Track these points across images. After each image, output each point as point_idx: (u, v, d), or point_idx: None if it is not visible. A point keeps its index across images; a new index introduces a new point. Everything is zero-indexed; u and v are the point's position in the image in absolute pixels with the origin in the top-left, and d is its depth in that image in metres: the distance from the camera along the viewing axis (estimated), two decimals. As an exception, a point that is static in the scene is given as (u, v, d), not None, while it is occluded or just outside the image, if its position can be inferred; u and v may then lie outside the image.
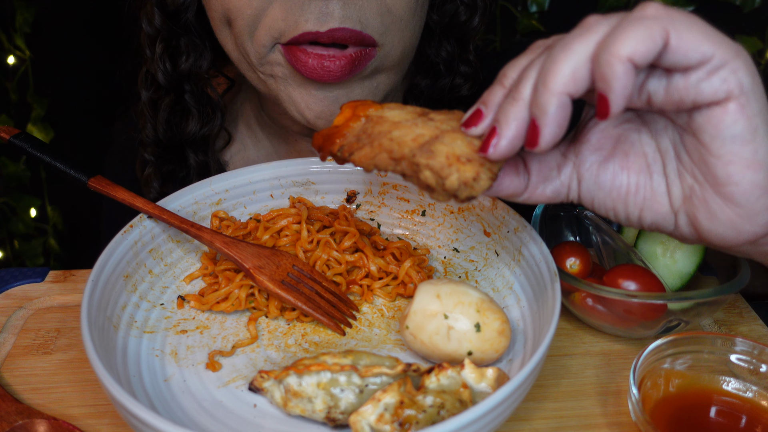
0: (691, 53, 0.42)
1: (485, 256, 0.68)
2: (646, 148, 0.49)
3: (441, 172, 0.46)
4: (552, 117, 0.44)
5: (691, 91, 0.43)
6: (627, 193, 0.50)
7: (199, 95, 0.82)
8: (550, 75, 0.43)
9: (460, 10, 0.80)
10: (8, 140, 0.69)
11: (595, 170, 0.50)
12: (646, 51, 0.41)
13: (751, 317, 0.66)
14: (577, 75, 0.43)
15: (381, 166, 0.49)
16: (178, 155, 0.85)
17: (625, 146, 0.50)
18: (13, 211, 1.91)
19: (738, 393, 0.53)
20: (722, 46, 0.42)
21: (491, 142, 0.46)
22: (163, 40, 0.79)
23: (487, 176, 0.46)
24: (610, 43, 0.41)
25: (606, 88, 0.42)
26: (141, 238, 0.64)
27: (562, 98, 0.43)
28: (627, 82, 0.41)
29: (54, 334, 0.65)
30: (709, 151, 0.45)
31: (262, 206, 0.73)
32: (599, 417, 0.55)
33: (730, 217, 0.46)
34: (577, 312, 0.64)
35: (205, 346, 0.60)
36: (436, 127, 0.49)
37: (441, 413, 0.48)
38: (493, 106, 0.48)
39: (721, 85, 0.43)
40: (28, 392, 0.59)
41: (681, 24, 0.42)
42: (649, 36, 0.41)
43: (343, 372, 0.51)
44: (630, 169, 0.50)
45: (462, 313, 0.55)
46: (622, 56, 0.40)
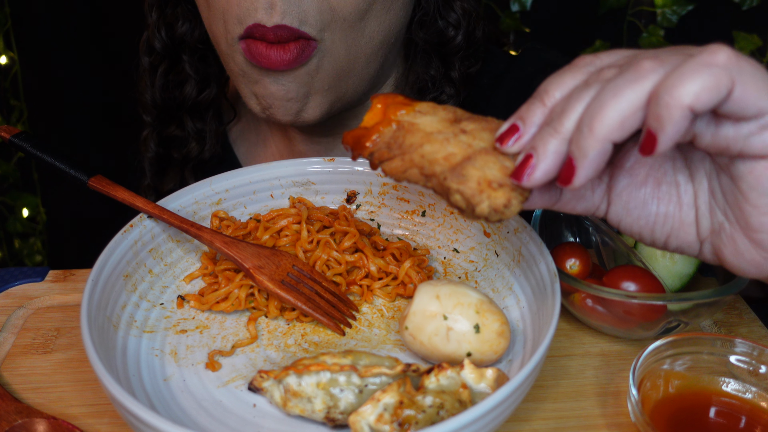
0: (750, 107, 0.41)
1: (485, 257, 0.68)
2: (679, 178, 0.48)
3: (472, 199, 0.45)
4: (591, 161, 0.43)
5: (740, 143, 0.42)
6: (655, 223, 0.49)
7: (195, 65, 0.87)
8: (596, 120, 0.41)
9: (449, 30, 0.82)
10: (9, 139, 0.69)
11: (626, 196, 0.49)
12: (708, 101, 0.39)
13: (750, 318, 0.66)
14: (626, 124, 0.41)
15: (412, 180, 0.49)
16: (176, 121, 0.90)
17: (658, 174, 0.49)
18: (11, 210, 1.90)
19: (737, 394, 0.53)
20: None
21: (525, 171, 0.45)
22: (158, 8, 0.84)
23: (518, 201, 0.45)
24: (673, 84, 0.39)
25: (658, 128, 0.40)
26: (141, 238, 0.64)
27: (606, 145, 0.42)
28: (681, 127, 0.40)
29: (54, 334, 0.65)
30: (746, 198, 0.44)
31: (262, 206, 0.73)
32: (599, 418, 0.55)
33: (756, 258, 0.46)
34: (576, 313, 0.64)
35: (205, 345, 0.60)
36: (468, 144, 0.48)
37: (440, 413, 0.48)
38: (531, 126, 0.46)
39: None
40: (28, 391, 0.59)
41: (748, 76, 0.40)
42: (715, 86, 0.39)
43: (343, 372, 0.51)
44: (660, 199, 0.49)
45: (461, 314, 0.55)
46: (684, 103, 0.39)
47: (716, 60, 0.40)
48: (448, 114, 0.51)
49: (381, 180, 0.73)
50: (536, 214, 0.67)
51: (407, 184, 0.68)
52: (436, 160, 0.48)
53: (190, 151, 0.91)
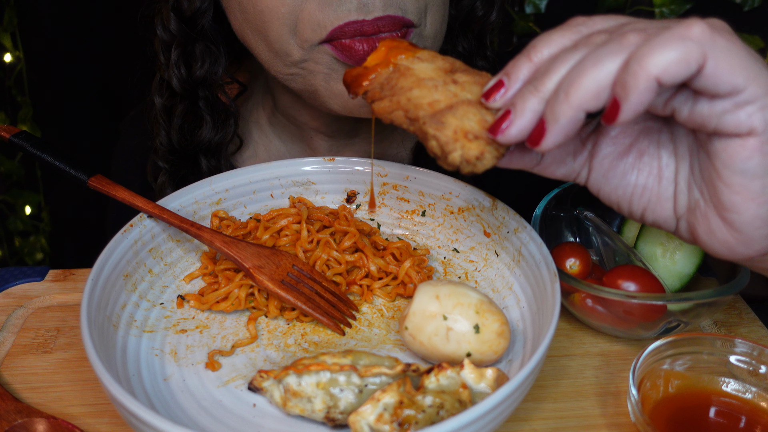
0: (723, 84, 0.41)
1: (485, 257, 0.68)
2: (662, 151, 0.49)
3: (446, 147, 0.47)
4: (561, 127, 0.43)
5: (714, 120, 0.43)
6: (633, 193, 0.50)
7: (213, 102, 0.81)
8: (573, 87, 0.42)
9: (477, 5, 0.80)
10: (8, 139, 0.69)
11: (607, 164, 0.50)
12: (676, 73, 0.40)
13: (750, 318, 0.66)
14: (602, 95, 0.42)
15: (397, 122, 0.50)
16: (191, 161, 0.84)
17: (641, 146, 0.49)
18: (11, 208, 1.90)
19: (737, 394, 0.53)
20: (756, 81, 0.41)
21: (501, 126, 0.46)
22: (178, 46, 0.77)
23: (491, 156, 0.46)
24: (644, 54, 0.40)
25: (623, 96, 0.41)
26: (141, 238, 0.64)
27: (579, 114, 0.42)
28: (645, 98, 0.40)
29: (54, 333, 0.65)
30: (719, 176, 0.45)
31: (262, 206, 0.73)
32: (599, 418, 0.55)
33: (727, 238, 0.46)
34: (576, 313, 0.64)
35: (205, 345, 0.60)
36: (454, 93, 0.49)
37: (440, 413, 0.48)
38: (515, 81, 0.47)
39: (746, 120, 0.42)
40: (28, 391, 0.59)
41: (721, 52, 0.40)
42: (684, 59, 0.39)
43: (343, 372, 0.51)
44: (640, 170, 0.49)
45: (461, 315, 0.55)
46: (651, 73, 0.39)
47: (690, 33, 0.40)
48: (446, 64, 0.53)
49: (381, 180, 0.73)
50: (536, 214, 0.67)
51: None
52: (421, 105, 0.49)
53: None
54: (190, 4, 0.75)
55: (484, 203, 0.68)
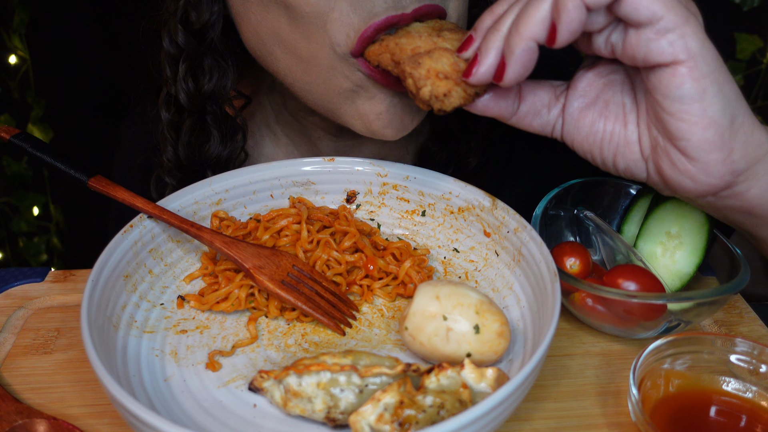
0: (642, 9, 0.47)
1: (485, 257, 0.68)
2: (626, 99, 0.55)
3: (418, 83, 0.54)
4: (517, 58, 0.50)
5: (642, 49, 0.48)
6: (602, 140, 0.55)
7: (221, 116, 0.79)
8: (522, 21, 0.49)
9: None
10: (8, 140, 0.69)
11: (577, 115, 0.56)
12: None
13: (751, 318, 0.66)
14: (545, 23, 0.48)
15: (383, 64, 0.58)
16: (199, 177, 0.79)
17: (607, 96, 0.55)
18: (15, 210, 1.91)
19: (738, 393, 0.53)
20: (674, 10, 0.47)
21: (473, 68, 0.52)
22: (186, 60, 0.74)
23: (458, 95, 0.53)
24: None
25: (556, 18, 0.48)
26: (141, 238, 0.64)
27: (529, 43, 0.49)
28: (574, 16, 0.47)
29: (54, 334, 0.65)
30: (662, 108, 0.50)
31: (262, 206, 0.73)
32: (599, 417, 0.55)
33: (688, 168, 0.51)
34: (577, 312, 0.64)
35: (205, 346, 0.60)
36: (434, 42, 0.56)
37: (441, 413, 0.48)
38: (481, 32, 0.54)
39: (668, 47, 0.47)
40: (28, 392, 0.59)
41: None
42: None
43: (343, 372, 0.51)
44: (607, 118, 0.55)
45: (461, 315, 0.55)
46: None
47: None
48: (437, 24, 0.60)
49: (381, 180, 0.73)
50: (536, 214, 0.67)
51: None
52: (405, 49, 0.56)
53: None
54: (199, 17, 0.72)
55: (484, 203, 0.68)
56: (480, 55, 0.52)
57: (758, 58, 1.64)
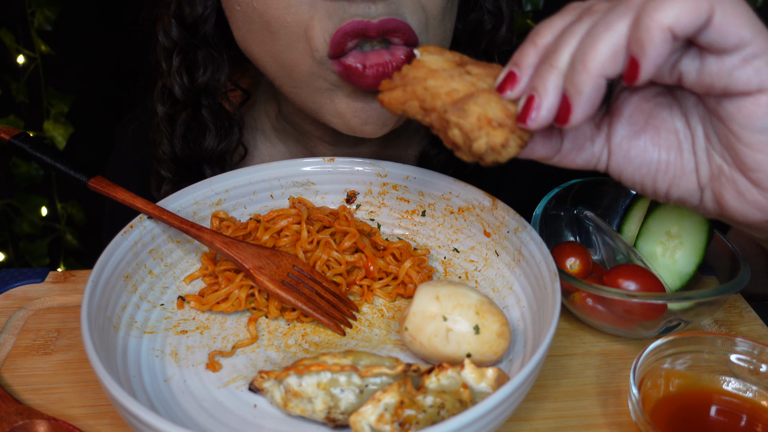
0: (731, 36, 0.41)
1: (485, 257, 0.68)
2: (678, 125, 0.49)
3: (470, 134, 0.46)
4: (586, 98, 0.43)
5: (724, 78, 0.43)
6: (657, 170, 0.49)
7: (216, 110, 0.80)
8: (589, 55, 0.42)
9: (485, 19, 0.78)
10: (8, 141, 0.69)
11: (626, 145, 0.50)
12: (688, 23, 0.40)
13: (751, 317, 0.66)
14: (618, 57, 0.42)
15: (410, 113, 0.49)
16: (195, 171, 0.83)
17: (656, 121, 0.49)
18: (17, 212, 1.91)
19: (738, 393, 0.53)
20: (761, 35, 0.42)
21: (530, 112, 0.45)
22: (180, 53, 0.76)
23: (516, 143, 0.46)
24: (654, 8, 0.40)
25: (639, 52, 0.41)
26: (141, 239, 0.64)
27: (600, 81, 0.43)
28: (662, 50, 0.41)
29: (54, 335, 0.65)
30: (738, 138, 0.45)
31: (262, 206, 0.73)
32: (599, 417, 0.55)
33: (758, 199, 0.46)
34: (577, 312, 0.64)
35: (205, 346, 0.60)
36: (471, 83, 0.48)
37: (441, 413, 0.48)
38: (527, 69, 0.47)
39: (754, 75, 0.42)
40: (29, 393, 0.59)
41: (728, 4, 0.41)
42: (695, 10, 0.40)
43: (343, 372, 0.51)
44: (661, 146, 0.49)
45: (461, 315, 0.55)
46: (664, 24, 0.40)
47: None
48: (455, 57, 0.52)
49: (381, 180, 0.73)
50: (536, 214, 0.67)
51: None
52: (439, 94, 0.48)
53: None
54: (192, 11, 0.73)
55: (484, 203, 0.68)
56: (539, 97, 0.45)
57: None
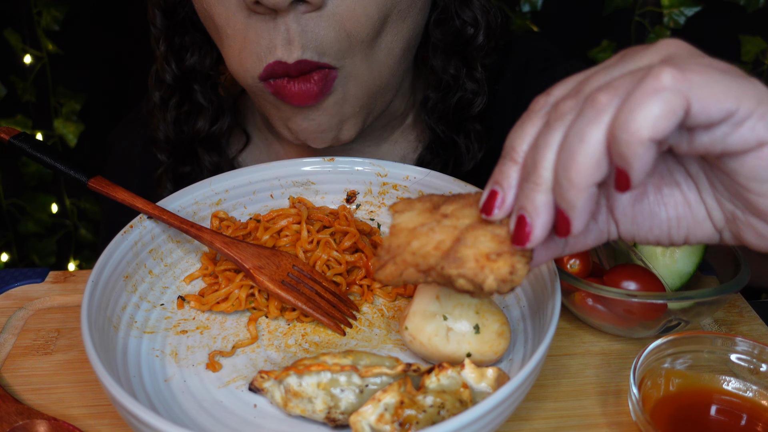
0: (714, 114, 0.39)
1: (485, 256, 0.68)
2: (678, 177, 0.47)
3: (476, 279, 0.44)
4: (582, 209, 0.42)
5: (718, 145, 0.41)
6: (669, 227, 0.48)
7: (208, 94, 0.84)
8: (571, 171, 0.41)
9: (464, 28, 0.79)
10: (8, 141, 0.69)
11: (630, 212, 0.48)
12: (667, 127, 0.38)
13: (751, 317, 0.66)
14: (601, 164, 0.40)
15: (411, 280, 0.47)
16: (191, 156, 0.86)
17: (655, 180, 0.47)
18: (22, 211, 1.90)
19: (738, 392, 0.53)
20: (745, 98, 0.40)
21: (525, 233, 0.44)
22: (165, 39, 0.81)
23: (522, 263, 0.44)
24: (626, 120, 0.38)
25: (626, 166, 0.39)
26: (141, 239, 0.64)
27: (589, 190, 0.41)
28: (648, 159, 0.39)
29: (54, 335, 0.65)
30: (747, 189, 0.43)
31: (262, 206, 0.73)
32: (599, 417, 0.55)
33: None
34: (577, 312, 0.64)
35: (206, 346, 0.60)
36: (453, 226, 0.47)
37: (441, 413, 0.48)
38: (509, 187, 0.45)
39: (750, 135, 0.40)
40: (29, 393, 0.59)
41: (700, 87, 0.39)
42: (668, 111, 0.38)
43: (344, 372, 0.51)
44: (667, 204, 0.47)
45: (461, 315, 0.55)
46: (643, 137, 0.38)
47: (662, 83, 0.38)
48: (425, 204, 0.51)
49: (381, 180, 0.73)
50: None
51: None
52: (428, 252, 0.46)
53: None
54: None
55: (484, 203, 0.68)
56: (530, 217, 0.43)
57: (761, 59, 1.63)
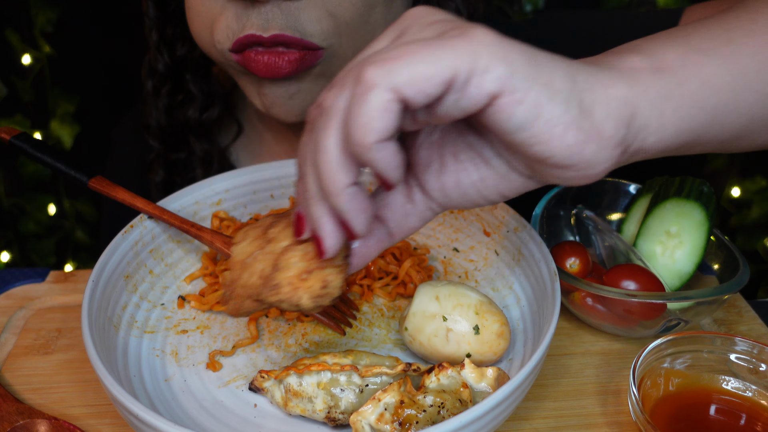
0: (430, 90, 0.39)
1: (485, 256, 0.68)
2: (470, 139, 0.47)
3: (292, 300, 0.46)
4: (352, 211, 0.42)
5: (456, 111, 0.41)
6: (478, 189, 0.47)
7: (199, 83, 0.86)
8: (323, 180, 0.42)
9: None
10: (9, 141, 0.69)
11: (439, 184, 0.48)
12: (386, 125, 0.39)
13: (750, 316, 0.66)
14: (347, 166, 0.41)
15: (251, 310, 0.49)
16: (183, 143, 0.89)
17: (450, 148, 0.47)
18: (23, 211, 1.90)
19: (737, 392, 0.53)
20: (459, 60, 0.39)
21: (321, 246, 0.45)
22: (158, 29, 0.84)
23: (334, 275, 0.46)
24: (350, 131, 0.39)
25: (373, 169, 0.41)
26: (141, 239, 0.64)
27: (349, 191, 0.42)
28: (387, 157, 0.40)
29: (55, 335, 0.65)
30: (508, 143, 0.43)
31: (262, 206, 0.73)
32: (599, 416, 0.55)
33: (574, 175, 0.44)
34: (576, 311, 0.64)
35: (206, 346, 0.60)
36: (272, 251, 0.49)
37: (441, 413, 0.48)
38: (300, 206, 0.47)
39: (478, 92, 0.40)
40: (29, 392, 0.59)
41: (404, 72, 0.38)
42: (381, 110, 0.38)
43: (344, 372, 0.51)
44: (468, 168, 0.47)
45: (461, 315, 0.55)
46: (368, 143, 0.39)
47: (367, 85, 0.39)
48: (257, 230, 0.52)
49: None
50: (536, 213, 0.67)
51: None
52: (255, 283, 0.49)
53: (196, 176, 0.88)
54: None
55: (484, 202, 0.68)
56: (317, 230, 0.45)
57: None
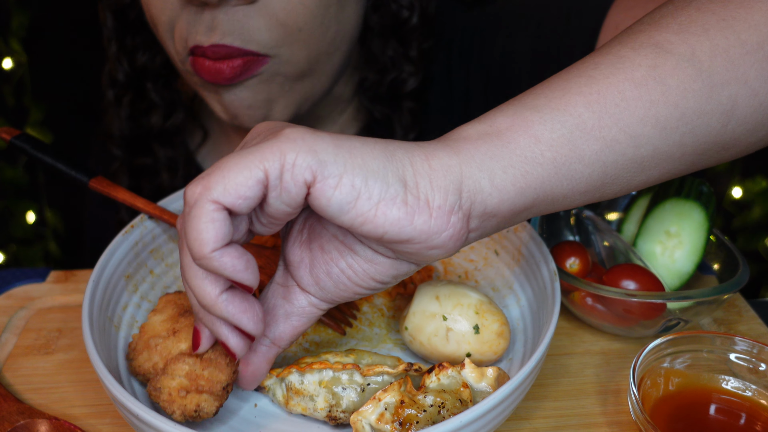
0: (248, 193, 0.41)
1: (485, 256, 0.68)
2: (333, 230, 0.48)
3: (167, 409, 0.49)
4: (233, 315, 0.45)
5: (283, 206, 0.43)
6: (348, 277, 0.48)
7: (161, 91, 0.86)
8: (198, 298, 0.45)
9: (399, 11, 0.81)
10: (9, 141, 0.69)
11: (311, 279, 0.49)
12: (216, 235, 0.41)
13: (750, 316, 0.66)
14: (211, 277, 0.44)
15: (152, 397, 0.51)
16: (147, 150, 0.88)
17: (317, 242, 0.48)
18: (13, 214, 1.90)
19: (737, 392, 0.53)
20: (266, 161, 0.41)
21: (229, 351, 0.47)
22: (117, 39, 0.84)
23: (209, 404, 0.49)
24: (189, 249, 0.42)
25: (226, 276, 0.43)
26: (142, 239, 0.64)
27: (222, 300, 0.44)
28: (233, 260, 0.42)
29: (55, 334, 0.65)
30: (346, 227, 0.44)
31: (263, 206, 0.73)
32: (599, 416, 0.55)
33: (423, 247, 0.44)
34: (576, 311, 0.64)
35: (206, 346, 0.60)
36: (169, 350, 0.52)
37: (441, 413, 0.48)
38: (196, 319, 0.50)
39: (294, 185, 0.41)
40: (30, 392, 0.59)
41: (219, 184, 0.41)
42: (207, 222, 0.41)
43: (346, 371, 0.51)
44: (335, 258, 0.48)
45: (461, 315, 0.55)
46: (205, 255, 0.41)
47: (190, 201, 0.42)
48: (173, 310, 0.56)
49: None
50: (536, 213, 0.67)
51: None
52: (148, 369, 0.53)
53: (162, 182, 0.89)
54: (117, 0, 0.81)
55: (484, 202, 0.68)
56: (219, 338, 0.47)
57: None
